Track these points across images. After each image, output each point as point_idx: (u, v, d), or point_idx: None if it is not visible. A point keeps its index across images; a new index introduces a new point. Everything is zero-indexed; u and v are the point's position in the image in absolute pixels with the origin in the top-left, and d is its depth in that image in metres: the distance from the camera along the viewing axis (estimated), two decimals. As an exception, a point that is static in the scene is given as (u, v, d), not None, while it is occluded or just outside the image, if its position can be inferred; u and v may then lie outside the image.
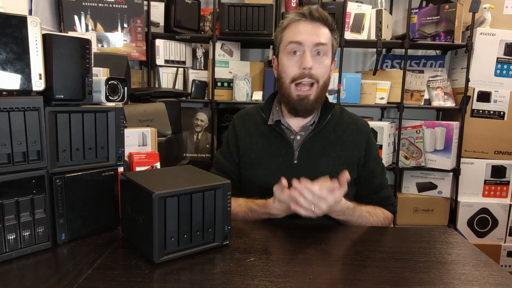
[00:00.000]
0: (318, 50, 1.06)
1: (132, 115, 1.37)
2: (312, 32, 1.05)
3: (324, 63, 1.07)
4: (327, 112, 1.13)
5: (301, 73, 1.05)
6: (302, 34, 1.05)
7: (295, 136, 1.12)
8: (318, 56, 1.06)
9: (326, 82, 1.09)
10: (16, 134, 0.72)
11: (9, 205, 0.72)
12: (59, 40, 0.76)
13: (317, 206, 0.90)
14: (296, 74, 1.06)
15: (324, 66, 1.07)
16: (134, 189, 0.76)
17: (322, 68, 1.06)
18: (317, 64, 1.05)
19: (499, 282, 0.70)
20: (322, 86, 1.08)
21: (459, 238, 0.92)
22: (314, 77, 1.06)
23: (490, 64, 2.21)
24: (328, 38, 1.07)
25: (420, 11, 2.27)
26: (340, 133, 1.13)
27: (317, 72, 1.06)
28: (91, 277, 0.67)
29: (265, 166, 1.11)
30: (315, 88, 1.07)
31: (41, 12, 1.89)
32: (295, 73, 1.06)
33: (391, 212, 1.15)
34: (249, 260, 0.75)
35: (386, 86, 2.20)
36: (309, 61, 1.04)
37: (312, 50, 1.05)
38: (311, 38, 1.04)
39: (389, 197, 1.15)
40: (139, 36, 2.12)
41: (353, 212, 1.01)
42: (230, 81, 2.22)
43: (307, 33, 1.05)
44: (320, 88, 1.08)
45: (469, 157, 2.26)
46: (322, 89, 1.08)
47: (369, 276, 0.71)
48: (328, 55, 1.08)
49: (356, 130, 1.15)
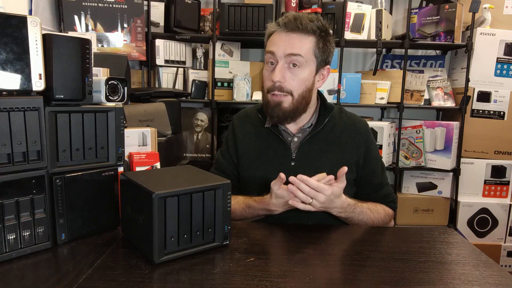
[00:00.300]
0: (292, 62, 1.02)
1: (132, 115, 1.37)
2: (287, 42, 1.01)
3: (299, 76, 1.03)
4: (325, 114, 1.12)
5: (272, 85, 1.04)
6: (275, 44, 1.03)
7: (292, 138, 1.12)
8: (293, 68, 1.02)
9: (303, 95, 1.05)
10: (16, 134, 0.72)
11: (9, 205, 0.72)
12: (59, 40, 0.76)
13: (315, 199, 0.91)
14: (269, 86, 1.05)
15: (298, 78, 1.03)
16: (134, 189, 0.76)
17: (296, 80, 1.03)
18: (290, 77, 1.02)
19: (499, 282, 0.70)
20: (299, 98, 1.04)
21: (459, 238, 0.92)
22: (285, 90, 1.03)
23: (490, 64, 2.21)
24: (307, 48, 1.02)
25: (420, 11, 2.27)
26: (338, 135, 1.12)
27: (289, 84, 1.03)
28: (91, 277, 0.67)
29: (263, 168, 1.11)
30: (289, 98, 1.04)
31: (41, 12, 1.89)
32: (268, 84, 1.05)
33: (391, 209, 1.15)
34: (249, 260, 0.75)
35: (386, 86, 2.20)
36: (276, 75, 1.01)
37: (286, 61, 1.02)
38: (283, 48, 1.01)
39: (389, 194, 1.15)
40: (139, 36, 2.12)
41: (354, 208, 1.01)
42: (230, 81, 2.22)
43: (281, 43, 1.02)
44: (296, 100, 1.04)
45: (469, 157, 2.26)
46: (298, 102, 1.05)
47: (369, 276, 0.71)
48: (305, 66, 1.03)
49: (354, 131, 1.14)
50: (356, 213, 1.02)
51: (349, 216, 1.02)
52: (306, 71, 1.04)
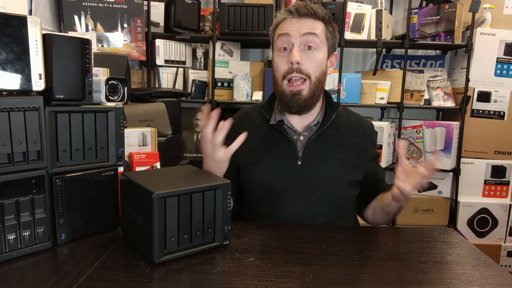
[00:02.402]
0: (308, 44, 1.01)
1: (132, 115, 1.37)
2: (300, 25, 1.01)
3: (316, 58, 1.02)
4: (332, 112, 1.10)
5: (289, 68, 1.01)
6: (288, 28, 1.02)
7: (298, 137, 1.09)
8: (308, 50, 1.01)
9: (320, 78, 1.04)
10: (16, 134, 0.72)
11: (9, 205, 0.72)
12: (59, 40, 0.76)
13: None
14: (285, 70, 1.02)
15: (315, 61, 1.02)
16: (134, 189, 0.76)
17: (313, 63, 1.02)
18: (306, 59, 1.01)
19: (499, 282, 0.70)
20: (316, 82, 1.03)
21: (459, 238, 0.92)
22: (304, 72, 1.01)
23: (490, 64, 2.21)
24: (320, 30, 1.02)
25: (420, 11, 2.27)
26: (346, 134, 1.10)
27: (307, 67, 1.01)
28: (91, 277, 0.67)
29: (268, 167, 1.08)
30: (307, 84, 1.02)
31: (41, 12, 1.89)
32: (284, 69, 1.02)
33: None
34: (249, 260, 0.75)
35: (386, 86, 2.20)
36: (295, 55, 0.99)
37: (301, 43, 1.01)
38: (299, 29, 1.01)
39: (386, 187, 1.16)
40: (139, 36, 2.12)
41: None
42: (230, 81, 2.22)
43: (294, 26, 1.01)
44: (313, 84, 1.03)
45: (469, 157, 2.26)
46: (316, 85, 1.03)
47: (369, 276, 0.71)
48: (320, 49, 1.03)
49: (363, 131, 1.13)
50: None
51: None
52: (321, 53, 1.03)
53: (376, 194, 1.15)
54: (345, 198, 1.08)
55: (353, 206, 1.15)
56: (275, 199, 1.07)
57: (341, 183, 1.07)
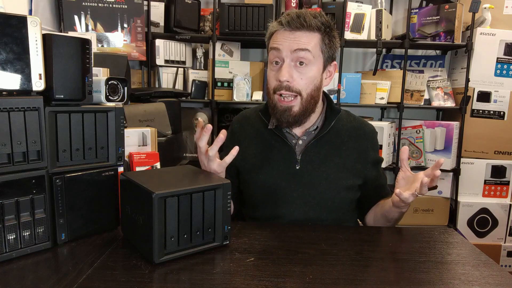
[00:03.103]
0: (300, 59, 0.97)
1: (132, 115, 1.37)
2: (292, 40, 0.97)
3: (307, 74, 0.99)
4: (332, 117, 1.09)
5: (278, 85, 0.99)
6: (279, 42, 0.98)
7: (297, 141, 1.08)
8: (300, 66, 0.98)
9: (312, 94, 1.01)
10: (16, 134, 0.72)
11: (9, 205, 0.72)
12: (59, 40, 0.76)
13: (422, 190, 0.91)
14: (275, 85, 1.00)
15: (307, 77, 0.99)
16: (134, 189, 0.76)
17: (304, 79, 0.99)
18: (297, 76, 0.98)
19: (499, 282, 0.70)
20: (308, 98, 1.01)
21: (459, 238, 0.92)
22: (294, 90, 0.99)
23: (490, 64, 2.21)
24: (314, 44, 0.98)
25: (420, 11, 2.27)
26: (346, 139, 1.09)
27: (297, 83, 0.99)
28: (91, 277, 0.67)
29: (267, 171, 1.07)
30: (298, 100, 1.00)
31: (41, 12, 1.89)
32: (275, 84, 1.01)
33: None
34: (249, 260, 0.75)
35: (386, 86, 2.20)
36: (283, 74, 0.97)
37: (292, 59, 0.98)
38: (289, 45, 0.97)
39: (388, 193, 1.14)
40: (139, 36, 2.12)
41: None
42: (230, 81, 2.22)
43: (285, 41, 0.98)
44: (305, 100, 1.00)
45: (469, 157, 2.26)
46: (308, 101, 1.01)
47: (369, 276, 0.71)
48: (313, 64, 0.99)
49: (363, 135, 1.12)
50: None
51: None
52: (314, 68, 1.00)
53: (377, 200, 1.13)
54: (344, 202, 1.08)
55: (352, 211, 1.14)
56: (274, 203, 1.06)
57: (340, 187, 1.06)
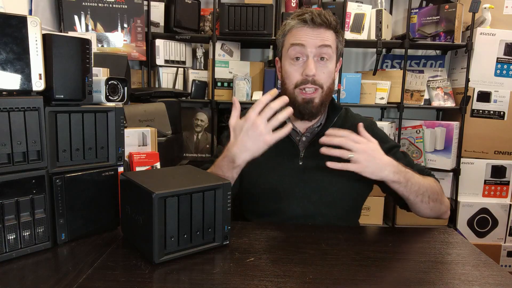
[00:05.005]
0: (322, 55, 1.03)
1: (132, 115, 1.37)
2: (315, 36, 1.03)
3: (328, 69, 1.05)
4: (334, 114, 1.12)
5: (303, 79, 1.04)
6: (303, 38, 1.03)
7: (300, 138, 1.11)
8: (321, 61, 1.04)
9: (330, 87, 1.07)
10: (16, 134, 0.72)
11: (9, 205, 0.72)
12: (59, 40, 0.76)
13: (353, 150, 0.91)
14: (298, 80, 1.05)
15: (328, 71, 1.05)
16: (134, 189, 0.76)
17: (326, 73, 1.05)
18: (320, 70, 1.04)
19: (499, 282, 0.70)
20: (327, 91, 1.06)
21: (459, 238, 0.92)
22: (318, 83, 1.04)
23: (490, 64, 2.22)
24: (332, 40, 1.05)
25: (420, 11, 2.27)
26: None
27: (320, 78, 1.04)
28: (91, 277, 0.67)
29: (270, 168, 1.09)
30: (319, 92, 1.05)
31: (41, 12, 1.89)
32: (298, 79, 1.05)
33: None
34: (249, 260, 0.75)
35: (386, 86, 2.20)
36: (311, 69, 1.01)
37: (316, 54, 1.03)
38: (314, 41, 1.02)
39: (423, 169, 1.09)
40: (139, 36, 2.12)
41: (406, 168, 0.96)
42: (230, 81, 2.22)
43: (309, 36, 1.02)
44: (325, 92, 1.06)
45: (469, 157, 2.26)
46: (327, 94, 1.07)
47: (369, 276, 0.71)
48: (332, 59, 1.06)
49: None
50: (410, 174, 0.97)
51: (408, 179, 0.95)
52: (332, 63, 1.06)
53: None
54: (346, 199, 1.08)
55: (355, 208, 1.14)
56: (276, 198, 1.07)
57: (342, 184, 1.07)
